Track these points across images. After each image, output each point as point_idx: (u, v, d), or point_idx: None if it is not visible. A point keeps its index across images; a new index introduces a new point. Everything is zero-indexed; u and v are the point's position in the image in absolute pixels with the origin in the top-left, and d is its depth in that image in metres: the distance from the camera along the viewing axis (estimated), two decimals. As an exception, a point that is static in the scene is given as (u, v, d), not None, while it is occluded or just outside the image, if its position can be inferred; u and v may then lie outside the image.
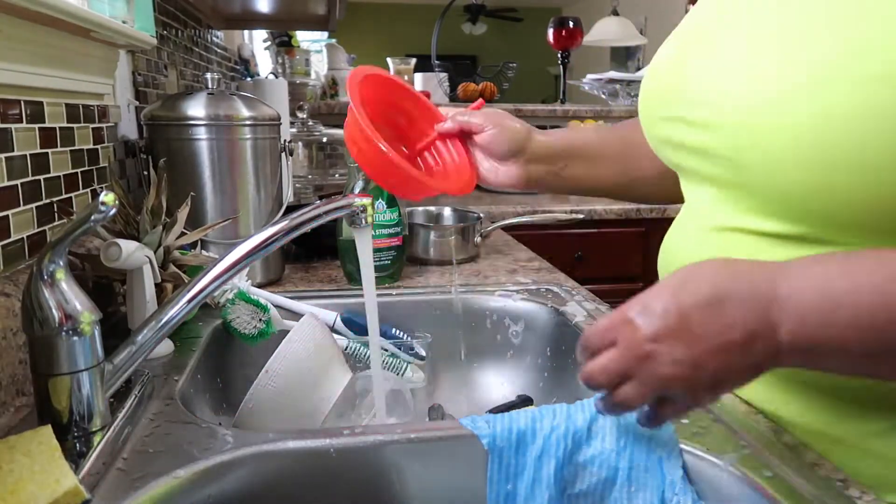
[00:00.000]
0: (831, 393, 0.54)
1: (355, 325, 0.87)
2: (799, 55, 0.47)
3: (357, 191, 0.97)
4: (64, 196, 0.79)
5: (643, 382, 0.43)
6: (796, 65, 0.47)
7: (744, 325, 0.40)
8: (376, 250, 1.00)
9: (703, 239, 0.58)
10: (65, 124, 0.80)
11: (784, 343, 0.41)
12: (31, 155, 0.71)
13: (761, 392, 0.59)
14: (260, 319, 0.79)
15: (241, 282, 0.81)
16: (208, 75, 0.94)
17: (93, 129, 0.88)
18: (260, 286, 0.91)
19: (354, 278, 0.99)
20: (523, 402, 0.80)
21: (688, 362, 0.41)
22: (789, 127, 0.46)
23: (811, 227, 0.48)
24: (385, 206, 1.00)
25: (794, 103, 0.46)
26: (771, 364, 0.42)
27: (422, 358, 0.87)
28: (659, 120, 0.62)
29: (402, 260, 1.04)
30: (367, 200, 0.67)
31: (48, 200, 0.75)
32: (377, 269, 1.00)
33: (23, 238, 0.69)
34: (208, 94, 0.93)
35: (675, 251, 0.63)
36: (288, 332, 0.83)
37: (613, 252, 1.98)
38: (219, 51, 2.01)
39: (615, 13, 3.43)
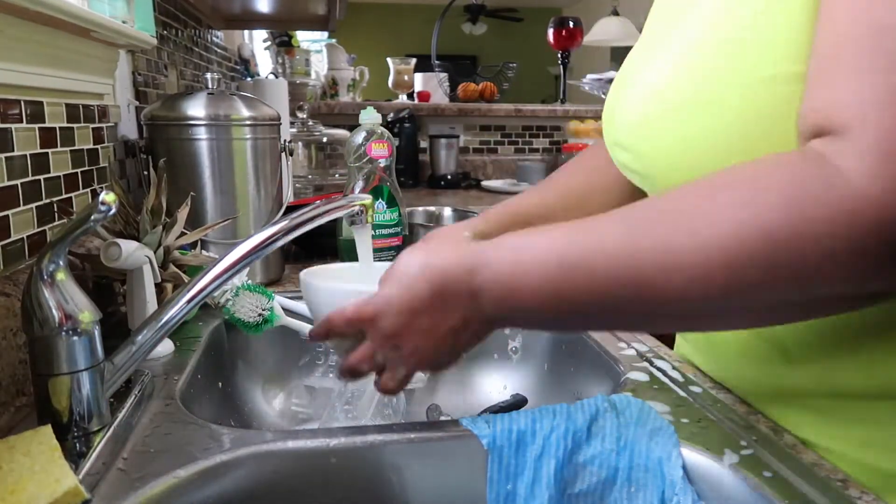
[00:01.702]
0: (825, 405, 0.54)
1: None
2: (684, 75, 0.52)
3: (357, 191, 0.97)
4: (64, 196, 0.79)
5: (397, 372, 0.53)
6: (682, 84, 0.52)
7: (459, 314, 0.49)
8: (376, 250, 1.00)
9: None
10: (65, 124, 0.80)
11: (492, 316, 0.49)
12: (31, 155, 0.71)
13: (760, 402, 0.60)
14: (263, 308, 0.79)
15: (242, 282, 0.81)
16: (208, 75, 0.95)
17: (93, 129, 0.88)
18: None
19: (355, 278, 0.99)
20: (517, 402, 0.80)
21: (425, 349, 0.51)
22: (673, 141, 0.52)
23: None
24: (385, 207, 1.00)
25: (681, 118, 0.51)
26: (489, 330, 0.51)
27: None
28: (609, 143, 0.66)
29: None
30: (367, 200, 0.67)
31: (48, 200, 0.75)
32: (377, 268, 1.00)
33: (23, 238, 0.69)
34: (208, 94, 0.93)
35: None
36: (289, 328, 0.83)
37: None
38: (219, 51, 2.01)
39: (615, 13, 3.43)
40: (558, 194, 0.75)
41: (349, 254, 0.99)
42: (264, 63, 2.80)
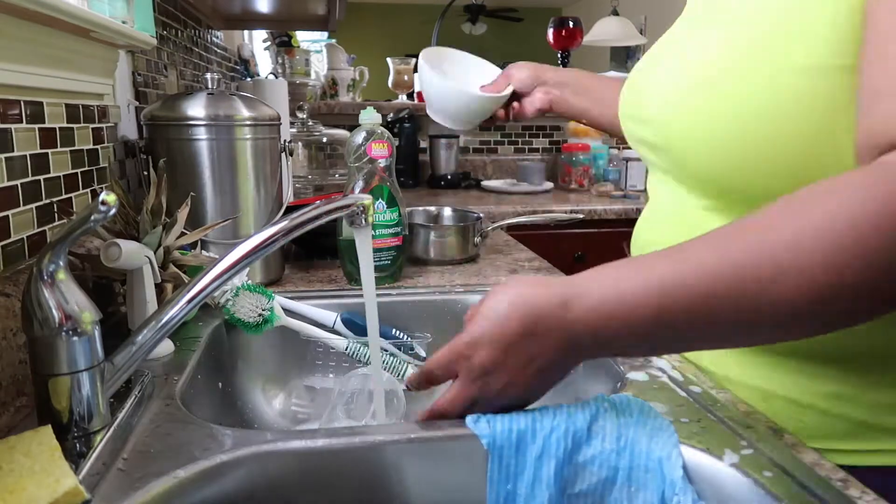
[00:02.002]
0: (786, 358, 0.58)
1: (355, 325, 0.87)
2: (714, 59, 0.54)
3: (357, 191, 0.97)
4: (64, 196, 0.79)
5: (487, 405, 0.53)
6: (711, 66, 0.54)
7: (554, 349, 0.49)
8: (376, 250, 1.00)
9: (663, 219, 0.68)
10: (65, 124, 0.80)
11: (588, 349, 0.49)
12: (31, 155, 0.71)
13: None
14: (263, 309, 0.79)
15: (241, 282, 0.81)
16: (208, 75, 0.94)
17: (93, 129, 0.88)
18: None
19: (354, 278, 0.99)
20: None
21: (516, 384, 0.51)
22: (702, 118, 0.54)
23: (735, 201, 0.56)
24: (385, 206, 1.00)
25: (708, 97, 0.54)
26: (581, 361, 0.52)
27: (422, 358, 0.87)
28: (626, 118, 0.70)
29: (403, 260, 1.04)
30: (367, 200, 0.67)
31: (48, 200, 0.75)
32: (377, 268, 1.00)
33: (23, 238, 0.69)
34: (208, 94, 0.93)
35: (642, 232, 0.74)
36: (289, 328, 0.83)
37: (613, 252, 1.97)
38: (219, 51, 2.01)
39: (615, 13, 3.42)
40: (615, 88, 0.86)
41: (349, 254, 0.99)
42: (264, 63, 2.80)
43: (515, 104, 1.05)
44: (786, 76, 0.49)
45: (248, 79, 2.18)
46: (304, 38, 2.87)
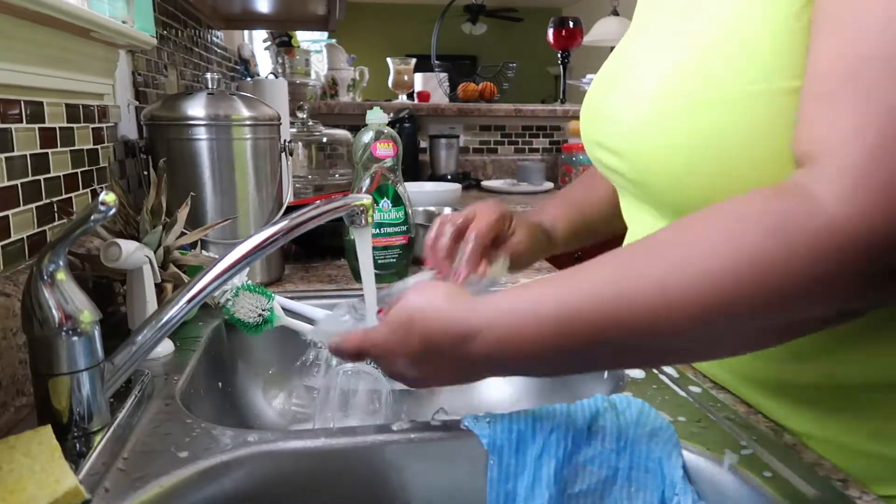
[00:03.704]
0: (816, 398, 0.55)
1: (355, 325, 0.87)
2: (674, 82, 0.53)
3: (364, 190, 0.98)
4: (64, 196, 0.79)
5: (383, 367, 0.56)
6: (671, 90, 0.53)
7: (452, 368, 0.51)
8: (383, 248, 1.00)
9: None
10: (65, 124, 0.80)
11: (486, 372, 0.51)
12: (31, 155, 0.71)
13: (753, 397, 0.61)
14: (263, 309, 0.79)
15: (241, 282, 0.81)
16: (208, 75, 0.94)
17: (93, 129, 0.88)
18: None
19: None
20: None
21: (415, 380, 0.54)
22: (671, 148, 0.52)
23: None
24: (391, 206, 1.00)
25: (669, 124, 0.52)
26: (483, 377, 0.53)
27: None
28: (590, 144, 0.67)
29: (409, 258, 1.04)
30: (367, 200, 0.67)
31: (48, 200, 0.75)
32: (383, 266, 1.01)
33: (23, 238, 0.69)
34: (208, 94, 0.93)
35: None
36: (289, 328, 0.83)
37: (613, 252, 1.97)
38: (219, 51, 2.01)
39: (615, 13, 3.42)
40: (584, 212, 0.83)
41: (355, 254, 0.99)
42: (264, 63, 2.80)
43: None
44: (739, 103, 0.48)
45: (248, 79, 2.18)
46: (304, 38, 2.87)
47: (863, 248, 0.37)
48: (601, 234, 0.85)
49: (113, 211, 0.49)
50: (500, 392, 0.89)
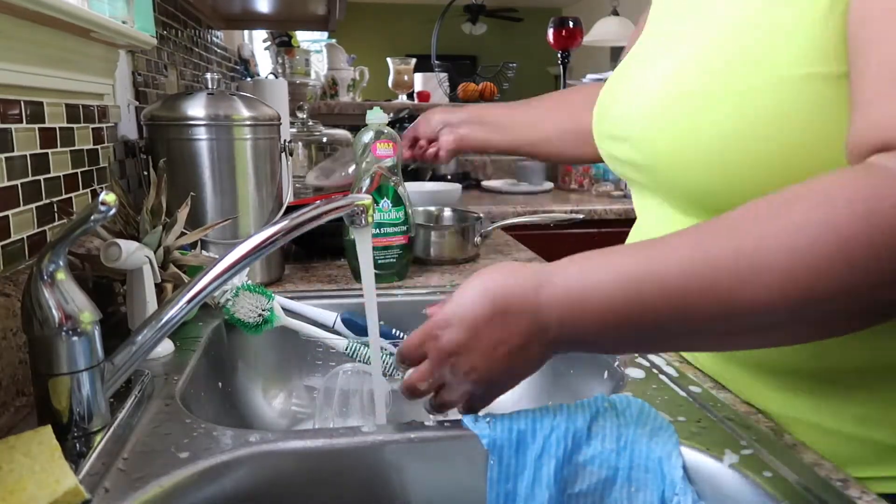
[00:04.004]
0: (808, 382, 0.56)
1: (355, 325, 0.87)
2: (692, 73, 0.53)
3: (364, 190, 0.98)
4: (64, 196, 0.79)
5: (453, 389, 0.53)
6: (689, 82, 0.53)
7: (520, 333, 0.48)
8: (383, 248, 1.00)
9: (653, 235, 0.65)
10: (65, 124, 0.80)
11: (555, 337, 0.48)
12: (31, 155, 0.71)
13: (743, 385, 0.62)
14: (263, 309, 0.79)
15: (241, 282, 0.81)
16: (208, 75, 0.94)
17: (93, 129, 0.88)
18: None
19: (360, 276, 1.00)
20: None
21: (482, 368, 0.50)
22: (683, 135, 0.52)
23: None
24: (391, 206, 1.00)
25: (687, 115, 0.52)
26: (550, 355, 0.50)
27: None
28: (601, 136, 0.68)
29: (409, 258, 1.04)
30: (367, 200, 0.67)
31: (48, 200, 0.75)
32: (383, 266, 1.01)
33: (23, 238, 0.69)
34: (208, 94, 0.92)
35: None
36: (289, 328, 0.83)
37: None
38: (219, 51, 2.01)
39: (615, 13, 3.42)
40: (526, 111, 1.05)
41: (355, 254, 0.99)
42: (264, 63, 2.80)
43: (430, 150, 1.12)
44: (765, 89, 0.48)
45: (248, 79, 2.18)
46: (304, 38, 2.87)
47: None
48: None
49: (113, 211, 0.49)
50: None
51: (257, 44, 2.81)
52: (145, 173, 0.91)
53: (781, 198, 0.42)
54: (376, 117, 0.98)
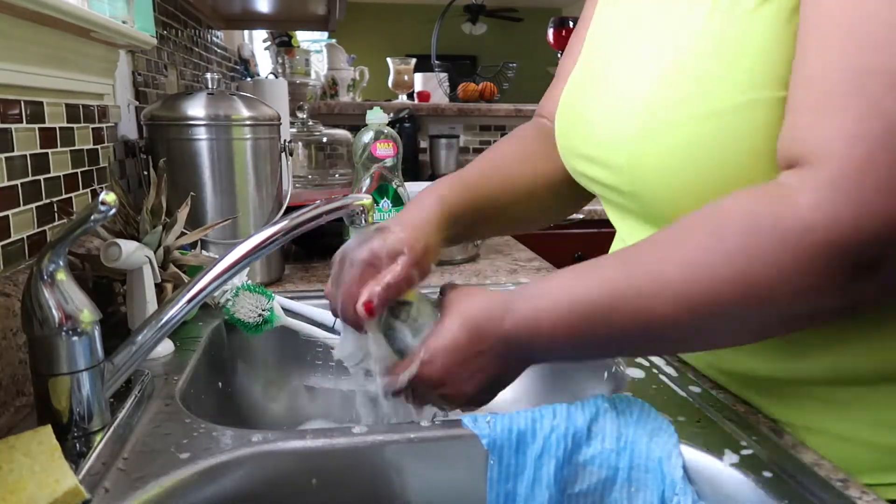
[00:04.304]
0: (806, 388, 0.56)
1: (355, 325, 0.87)
2: (664, 95, 0.52)
3: (364, 190, 0.98)
4: (64, 196, 0.79)
5: (436, 402, 0.57)
6: (662, 104, 0.53)
7: (497, 359, 0.53)
8: (381, 248, 1.00)
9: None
10: (65, 124, 0.80)
11: (528, 357, 0.54)
12: (31, 155, 0.71)
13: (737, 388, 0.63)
14: (263, 309, 0.79)
15: (241, 282, 0.81)
16: (208, 75, 0.95)
17: (93, 129, 0.88)
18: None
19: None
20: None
21: (468, 393, 0.54)
22: (663, 160, 0.52)
23: None
24: (391, 206, 1.00)
25: (664, 139, 0.52)
26: (526, 365, 0.55)
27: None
28: (572, 156, 0.66)
29: None
30: (367, 200, 0.67)
31: (48, 200, 0.75)
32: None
33: (23, 238, 0.69)
34: (208, 94, 0.93)
35: None
36: (289, 328, 0.83)
37: (613, 252, 1.97)
38: (219, 51, 2.01)
39: (615, 13, 3.42)
40: (505, 185, 0.72)
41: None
42: (264, 63, 2.80)
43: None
44: (734, 113, 0.48)
45: (248, 79, 2.18)
46: (304, 38, 2.87)
47: (832, 250, 0.39)
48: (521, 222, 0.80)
49: (113, 211, 0.49)
50: (500, 392, 0.89)
51: (257, 44, 2.81)
52: (145, 173, 0.91)
53: (688, 223, 0.47)
54: (376, 117, 0.99)
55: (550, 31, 2.63)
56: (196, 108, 0.90)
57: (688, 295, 0.44)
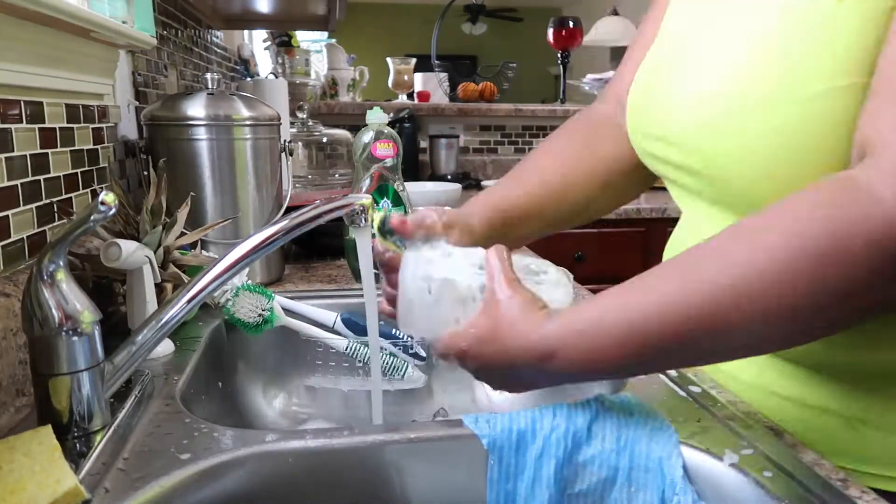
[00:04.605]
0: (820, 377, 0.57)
1: (355, 325, 0.87)
2: (749, 79, 0.52)
3: (364, 190, 0.98)
4: (64, 196, 0.79)
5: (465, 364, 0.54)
6: (747, 88, 0.52)
7: (526, 381, 0.52)
8: (382, 248, 1.00)
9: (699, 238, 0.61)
10: (65, 124, 0.80)
11: (562, 381, 0.53)
12: (31, 155, 0.71)
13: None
14: (263, 309, 0.79)
15: (241, 282, 0.81)
16: (208, 75, 0.95)
17: (93, 129, 0.88)
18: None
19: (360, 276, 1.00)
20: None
21: (493, 382, 0.54)
22: (745, 144, 0.52)
23: None
24: (391, 206, 1.00)
25: (747, 123, 0.52)
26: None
27: (422, 358, 0.87)
28: (643, 135, 0.66)
29: None
30: (367, 200, 0.67)
31: (48, 200, 0.75)
32: (383, 266, 1.00)
33: (23, 238, 0.69)
34: (208, 94, 0.93)
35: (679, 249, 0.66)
36: (289, 328, 0.83)
37: (613, 252, 1.98)
38: (219, 51, 2.01)
39: (615, 13, 3.42)
40: (544, 186, 0.71)
41: (355, 254, 0.99)
42: (264, 63, 2.80)
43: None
44: (816, 100, 0.48)
45: (248, 79, 2.18)
46: (304, 38, 2.87)
47: None
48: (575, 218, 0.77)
49: (113, 211, 0.49)
50: (500, 392, 0.89)
51: (257, 44, 2.81)
52: (145, 173, 0.91)
53: (756, 226, 0.45)
54: (376, 117, 0.99)
55: (550, 31, 2.63)
56: (196, 109, 0.90)
57: (765, 300, 0.43)
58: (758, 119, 0.51)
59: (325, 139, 1.78)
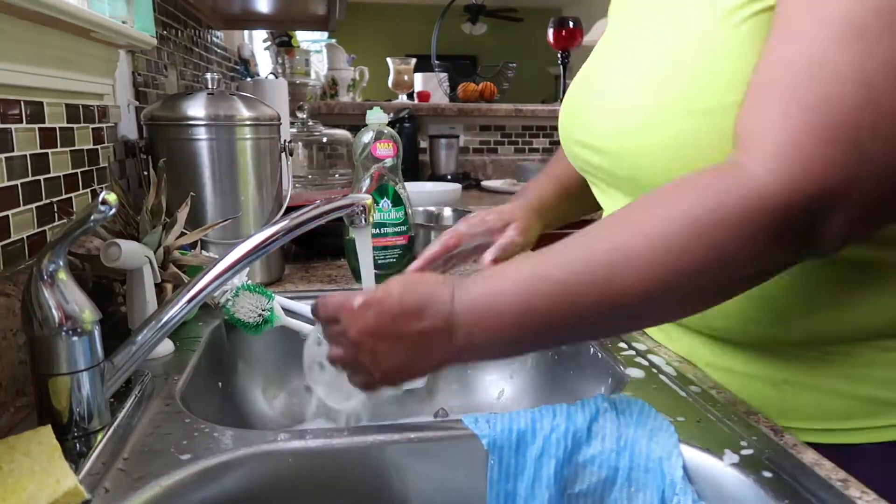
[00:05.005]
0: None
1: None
2: (651, 92, 0.58)
3: (364, 190, 0.98)
4: (64, 196, 0.79)
5: (358, 371, 0.55)
6: (649, 101, 0.58)
7: (429, 331, 0.51)
8: (383, 248, 1.00)
9: None
10: (65, 124, 0.80)
11: (459, 345, 0.51)
12: (31, 155, 0.71)
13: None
14: (263, 309, 0.79)
15: (241, 282, 0.81)
16: (208, 75, 0.94)
17: (93, 129, 0.88)
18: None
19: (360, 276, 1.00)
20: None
21: (384, 355, 0.53)
22: (651, 152, 0.58)
23: None
24: (391, 206, 1.00)
25: (651, 133, 0.57)
26: (445, 364, 0.53)
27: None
28: (573, 142, 0.72)
29: (409, 258, 1.04)
30: (367, 200, 0.67)
31: (48, 200, 0.75)
32: (383, 266, 1.01)
33: (23, 238, 0.69)
34: (208, 94, 0.92)
35: None
36: (289, 328, 0.83)
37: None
38: (219, 51, 2.01)
39: (615, 13, 3.42)
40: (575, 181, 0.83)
41: (355, 254, 0.99)
42: (264, 63, 2.80)
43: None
44: (708, 113, 0.53)
45: (248, 79, 2.18)
46: (304, 38, 2.87)
47: (788, 211, 0.42)
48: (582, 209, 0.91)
49: (113, 211, 0.49)
50: (499, 392, 0.89)
51: (257, 44, 2.81)
52: (145, 173, 0.91)
53: (654, 195, 0.49)
54: (376, 117, 0.99)
55: (550, 31, 2.63)
56: (196, 109, 0.90)
57: (650, 260, 0.46)
58: (658, 130, 0.57)
59: (325, 139, 1.78)
